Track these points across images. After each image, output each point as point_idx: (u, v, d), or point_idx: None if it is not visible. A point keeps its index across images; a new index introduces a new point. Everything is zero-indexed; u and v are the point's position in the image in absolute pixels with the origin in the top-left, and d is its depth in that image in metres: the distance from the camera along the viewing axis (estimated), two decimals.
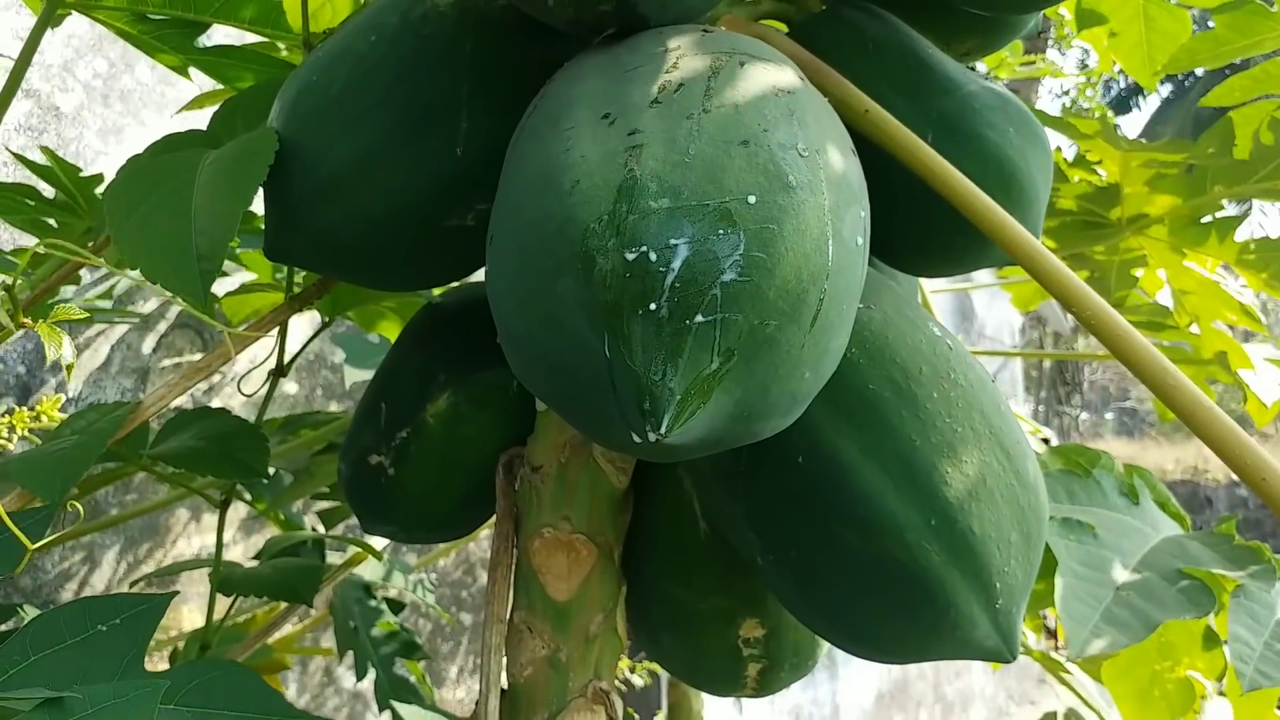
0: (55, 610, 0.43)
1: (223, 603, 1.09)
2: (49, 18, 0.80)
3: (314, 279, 0.66)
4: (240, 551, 1.66)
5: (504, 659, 0.64)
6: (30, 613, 0.60)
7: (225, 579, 0.73)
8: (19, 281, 0.52)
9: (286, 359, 0.77)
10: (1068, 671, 1.32)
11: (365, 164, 0.53)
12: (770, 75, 0.43)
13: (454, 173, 0.54)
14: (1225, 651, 0.79)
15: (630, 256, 0.37)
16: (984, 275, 1.73)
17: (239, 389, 0.75)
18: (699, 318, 0.37)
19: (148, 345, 1.61)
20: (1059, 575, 0.82)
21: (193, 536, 1.73)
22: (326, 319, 0.82)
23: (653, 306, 0.37)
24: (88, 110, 1.59)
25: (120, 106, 1.64)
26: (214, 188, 0.51)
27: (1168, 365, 0.47)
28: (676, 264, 0.37)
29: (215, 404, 1.47)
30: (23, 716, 0.35)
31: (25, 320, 0.43)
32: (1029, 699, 4.27)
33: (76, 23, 1.37)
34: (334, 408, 1.78)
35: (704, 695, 1.27)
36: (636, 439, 0.38)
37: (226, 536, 1.77)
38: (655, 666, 1.95)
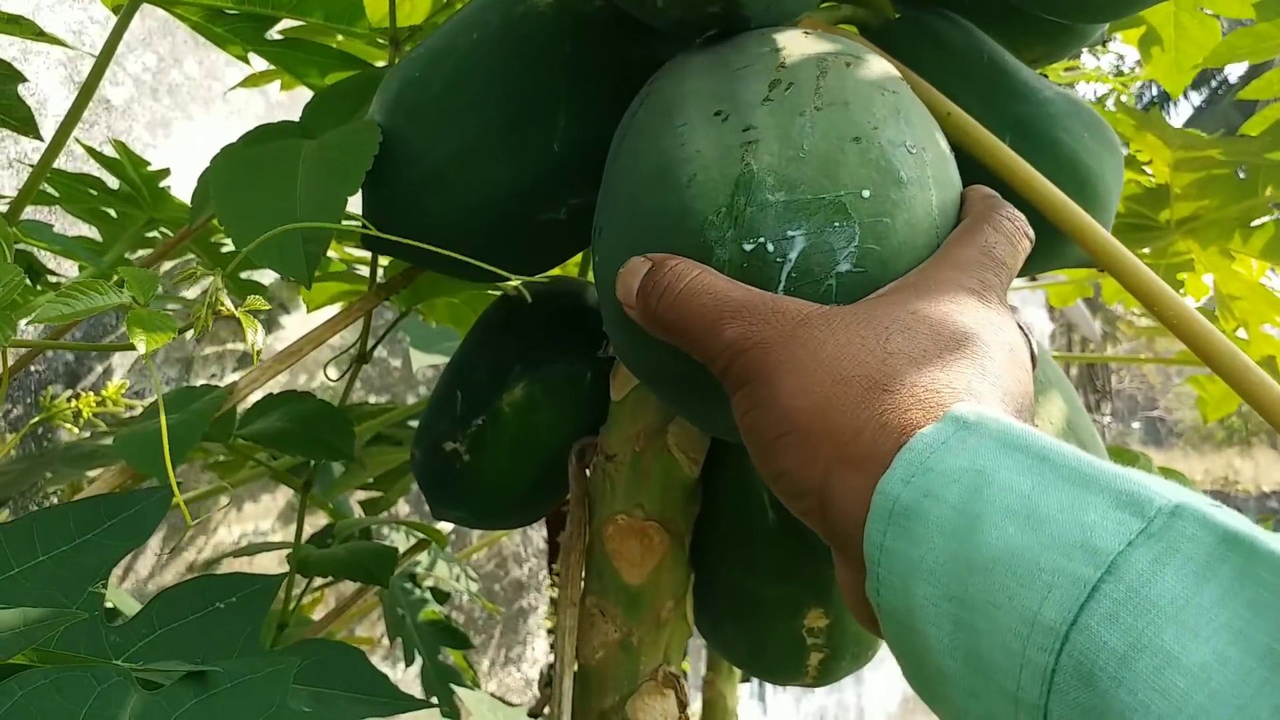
0: (177, 587, 0.45)
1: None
2: (133, 11, 0.83)
3: (399, 269, 0.68)
4: (281, 540, 1.69)
5: (576, 642, 0.65)
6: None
7: (303, 560, 0.75)
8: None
9: (351, 348, 0.79)
10: None
11: (466, 158, 0.54)
12: (875, 74, 0.44)
13: (550, 168, 0.55)
14: None
15: (748, 248, 0.39)
16: (1016, 279, 1.74)
17: (325, 374, 0.77)
18: None
19: (190, 334, 1.63)
20: None
21: (233, 525, 1.76)
22: (404, 310, 0.84)
23: None
24: (137, 104, 1.62)
25: (169, 100, 1.67)
26: (318, 174, 0.52)
27: (1250, 364, 0.48)
28: (793, 255, 0.38)
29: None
30: (167, 688, 0.37)
31: (226, 306, 0.45)
32: None
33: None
34: (372, 400, 1.81)
35: (737, 693, 1.29)
36: None
37: (265, 525, 1.80)
38: (686, 666, 1.96)
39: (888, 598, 0.31)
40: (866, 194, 0.39)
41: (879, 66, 0.45)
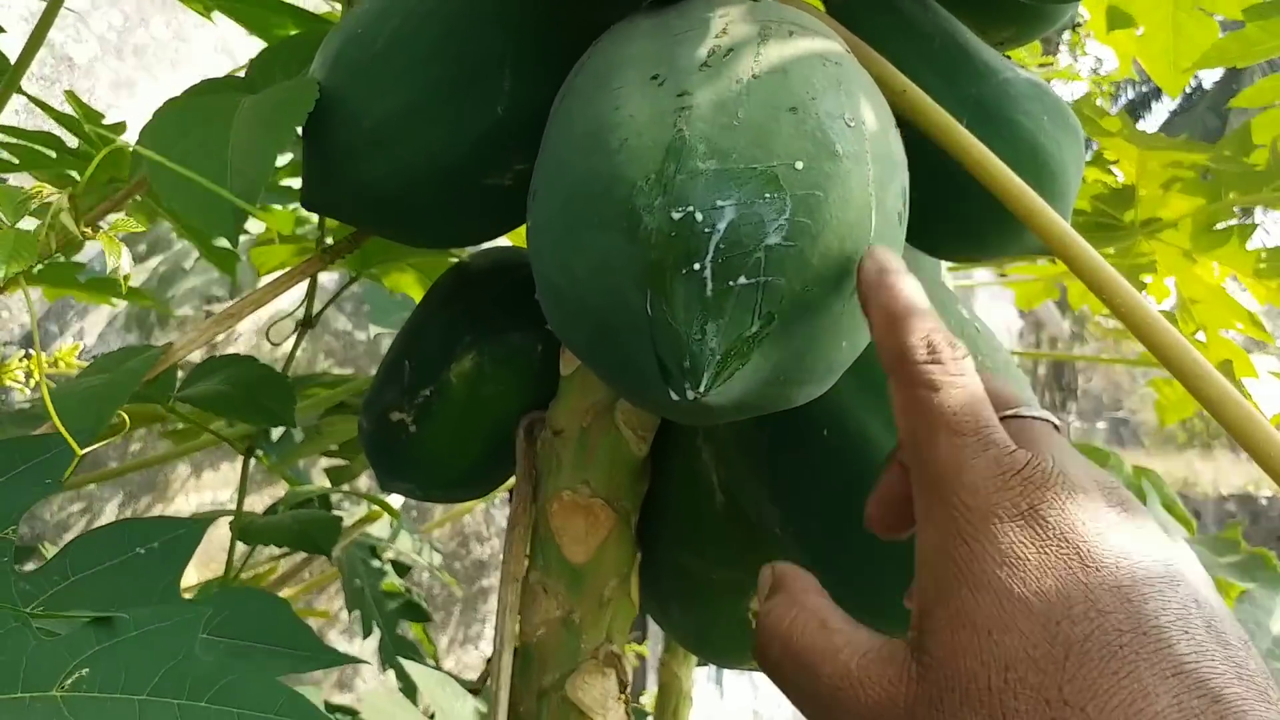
0: (95, 531, 0.44)
1: (217, 562, 1.10)
2: None
3: (346, 232, 0.67)
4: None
5: (518, 618, 0.64)
6: (49, 550, 0.60)
7: (245, 527, 0.74)
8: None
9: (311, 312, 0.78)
10: None
11: (408, 118, 0.53)
12: (818, 45, 0.43)
13: (495, 131, 0.54)
14: None
15: (676, 216, 0.37)
16: (984, 274, 1.73)
17: (267, 338, 0.76)
18: (742, 279, 0.37)
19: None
20: None
21: (190, 494, 1.74)
22: (353, 274, 0.82)
23: (697, 266, 0.37)
24: (101, 62, 1.59)
25: (134, 60, 1.64)
26: (251, 130, 0.51)
27: (1198, 357, 0.48)
28: (722, 225, 0.37)
29: None
30: (68, 635, 0.36)
31: (87, 230, 0.44)
32: None
33: None
34: (334, 371, 1.79)
35: (692, 676, 1.29)
36: (675, 397, 0.38)
37: (223, 494, 1.78)
38: (644, 649, 1.96)
39: None
40: (800, 166, 0.38)
41: (823, 37, 0.44)
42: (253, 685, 0.36)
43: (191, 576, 1.47)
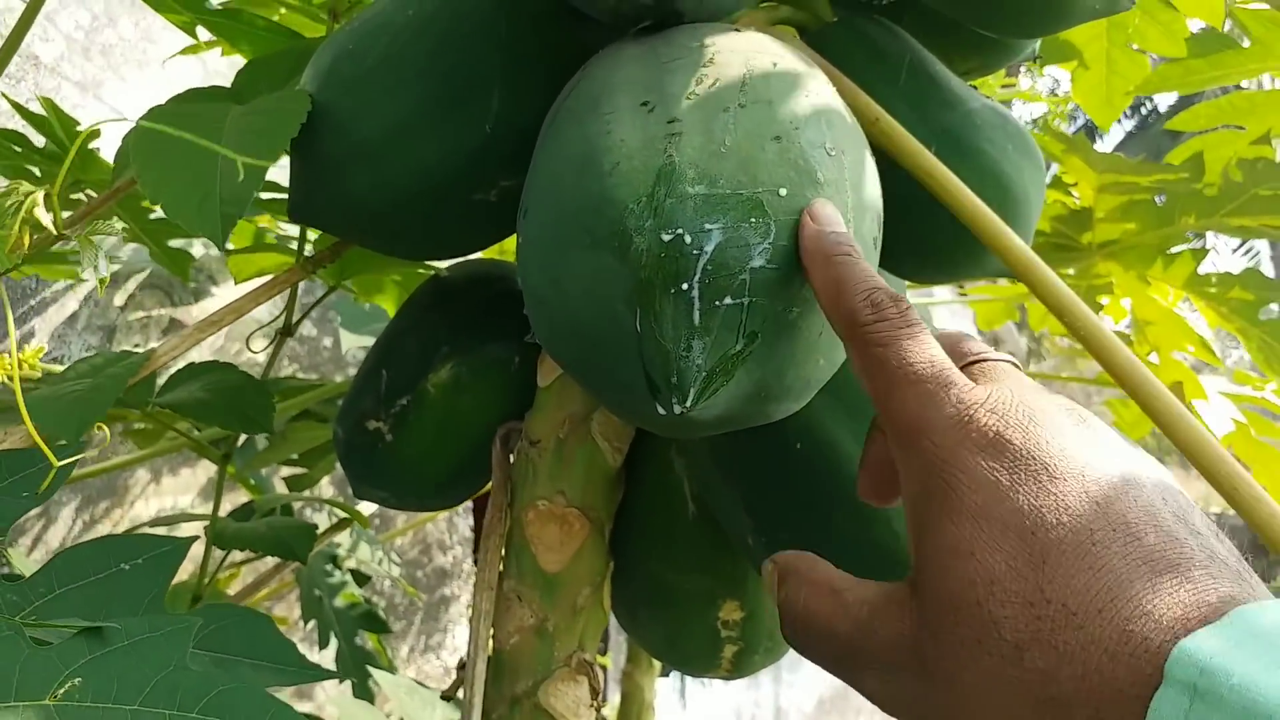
0: (80, 546, 0.44)
1: (184, 568, 1.09)
2: None
3: (328, 243, 0.67)
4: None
5: (491, 626, 0.65)
6: (12, 554, 0.60)
7: (219, 533, 0.74)
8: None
9: (279, 322, 0.78)
10: None
11: (397, 133, 0.54)
12: (800, 76, 0.45)
13: (482, 148, 0.55)
14: None
15: (666, 238, 0.39)
16: (944, 292, 1.76)
17: (248, 346, 0.76)
18: (727, 300, 0.39)
19: (117, 302, 1.59)
20: None
21: (150, 499, 1.72)
22: (331, 285, 0.83)
23: (685, 286, 0.39)
24: (67, 61, 1.57)
25: (101, 60, 1.62)
26: (243, 138, 0.52)
27: (1150, 377, 0.50)
28: (709, 248, 0.39)
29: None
30: (61, 644, 0.36)
31: (65, 232, 0.44)
32: None
33: None
34: (299, 376, 1.78)
35: (655, 686, 1.30)
36: (661, 411, 0.40)
37: (185, 500, 1.76)
38: (607, 661, 1.97)
39: None
40: (784, 192, 0.40)
41: (805, 69, 0.46)
42: (242, 696, 0.37)
43: None
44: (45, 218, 0.47)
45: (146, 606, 0.43)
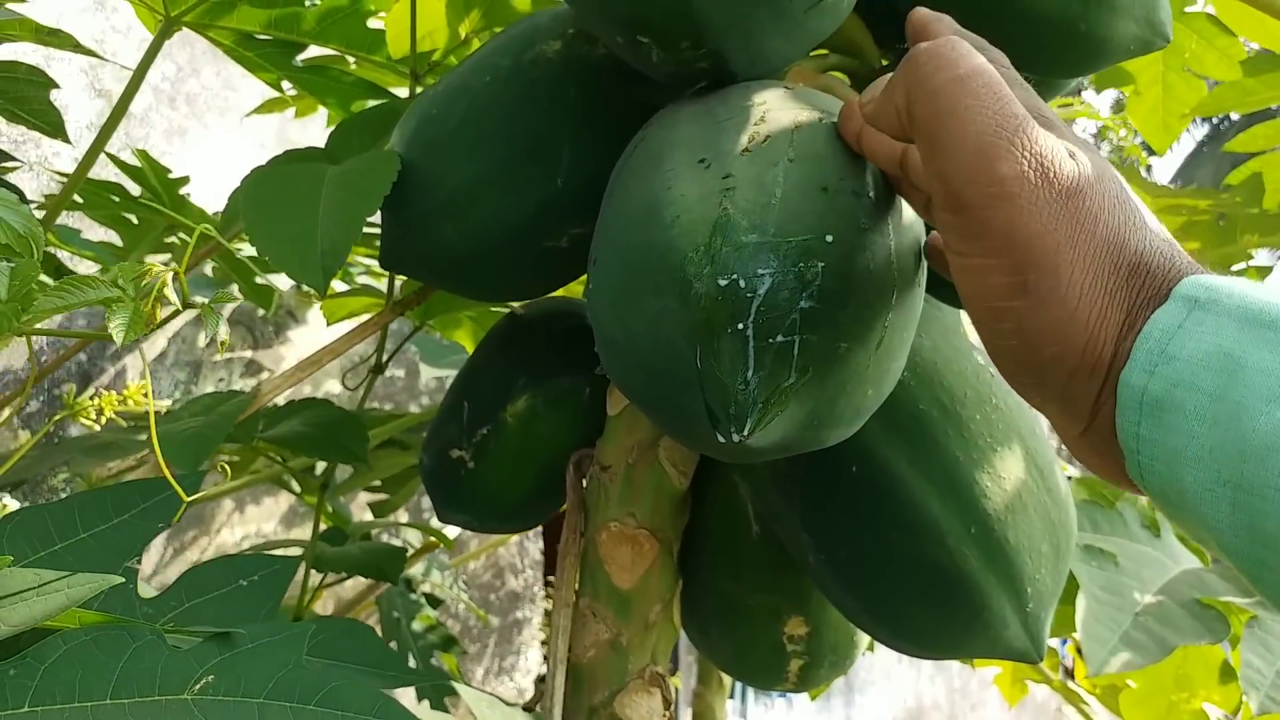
0: (203, 565, 0.50)
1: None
2: (166, 34, 0.88)
3: (413, 287, 0.73)
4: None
5: (569, 641, 0.70)
6: None
7: (318, 557, 0.80)
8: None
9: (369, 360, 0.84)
10: (1085, 704, 1.36)
11: (478, 189, 0.60)
12: None
13: (554, 200, 0.60)
14: (1240, 683, 0.84)
15: (723, 283, 0.43)
16: None
17: (343, 384, 0.82)
18: (780, 337, 0.43)
19: (202, 340, 1.68)
20: (1081, 598, 0.87)
21: (235, 526, 1.80)
22: (417, 324, 0.89)
23: (740, 326, 0.43)
24: (155, 111, 1.67)
25: (185, 109, 1.72)
26: (341, 195, 0.58)
27: None
28: (762, 290, 0.43)
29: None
30: (194, 646, 0.41)
31: (191, 301, 0.50)
32: None
33: (144, 28, 1.46)
34: (379, 408, 1.86)
35: (726, 707, 1.32)
36: (720, 439, 0.44)
37: (269, 527, 1.84)
38: (677, 681, 2.00)
39: (1153, 482, 0.33)
40: (830, 239, 0.43)
41: None
42: (353, 692, 0.41)
43: None
44: (174, 295, 0.53)
45: (263, 616, 0.48)
